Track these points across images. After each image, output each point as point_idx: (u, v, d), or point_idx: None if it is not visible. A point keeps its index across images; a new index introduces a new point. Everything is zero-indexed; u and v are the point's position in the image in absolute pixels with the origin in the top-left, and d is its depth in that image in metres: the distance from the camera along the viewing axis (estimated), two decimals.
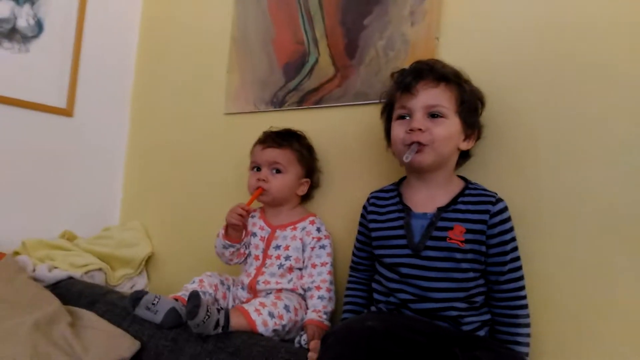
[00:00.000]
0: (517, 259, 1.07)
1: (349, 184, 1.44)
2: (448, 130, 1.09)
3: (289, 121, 1.53)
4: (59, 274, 1.67)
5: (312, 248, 1.38)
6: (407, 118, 1.12)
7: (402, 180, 1.22)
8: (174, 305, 1.29)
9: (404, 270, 1.09)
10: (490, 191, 1.11)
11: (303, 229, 1.40)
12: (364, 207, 1.25)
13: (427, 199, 1.13)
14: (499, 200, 1.09)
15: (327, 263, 1.37)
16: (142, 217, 2.06)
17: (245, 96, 1.72)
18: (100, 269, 1.79)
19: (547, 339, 1.09)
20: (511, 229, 1.07)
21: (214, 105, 1.83)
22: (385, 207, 1.19)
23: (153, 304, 1.28)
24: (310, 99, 1.54)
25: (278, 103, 1.62)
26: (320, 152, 1.50)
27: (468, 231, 1.06)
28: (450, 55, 1.26)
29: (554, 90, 1.12)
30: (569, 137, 1.10)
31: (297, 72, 1.58)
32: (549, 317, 1.09)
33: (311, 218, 1.42)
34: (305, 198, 1.50)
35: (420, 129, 1.07)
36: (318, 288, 1.34)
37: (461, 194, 1.11)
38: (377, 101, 1.27)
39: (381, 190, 1.24)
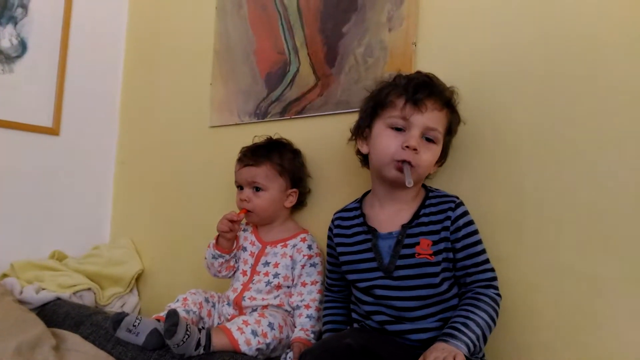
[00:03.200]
0: (487, 260, 1.05)
1: (334, 193, 1.41)
2: (434, 157, 1.08)
3: (272, 133, 1.50)
4: (46, 295, 1.65)
5: (303, 266, 1.34)
6: (403, 131, 1.06)
7: (364, 195, 1.20)
8: (156, 326, 1.26)
9: (378, 292, 1.07)
10: (449, 196, 1.10)
11: (294, 246, 1.37)
12: (330, 230, 1.23)
13: (390, 217, 1.11)
14: (459, 204, 1.07)
15: (317, 282, 1.33)
16: (133, 234, 2.03)
17: (229, 108, 1.70)
18: (89, 289, 1.76)
19: (533, 349, 1.05)
20: (476, 231, 1.06)
21: (199, 119, 1.80)
22: (350, 228, 1.17)
23: (134, 325, 1.25)
24: (292, 109, 1.51)
25: (261, 114, 1.60)
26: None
27: (434, 242, 1.04)
28: (427, 60, 1.24)
29: (535, 93, 1.10)
30: (550, 140, 1.07)
31: (279, 82, 1.55)
32: (534, 326, 1.06)
33: (303, 235, 1.39)
34: (298, 205, 1.47)
35: (415, 149, 1.04)
36: (307, 307, 1.30)
37: (422, 205, 1.10)
38: (358, 109, 1.24)
39: (344, 210, 1.22)
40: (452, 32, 1.22)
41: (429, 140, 1.06)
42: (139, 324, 1.25)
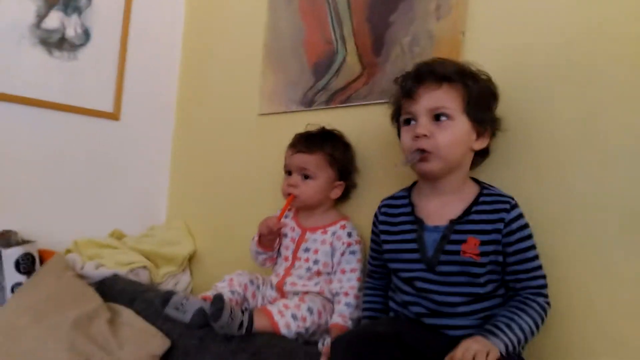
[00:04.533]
0: (540, 267, 1.02)
1: (379, 183, 1.41)
2: (453, 134, 1.04)
3: (318, 121, 1.52)
4: (104, 271, 1.75)
5: (342, 253, 1.35)
6: (413, 123, 1.08)
7: (414, 184, 1.19)
8: (202, 305, 1.31)
9: (419, 284, 1.06)
10: (505, 196, 1.05)
11: (334, 233, 1.38)
12: (375, 216, 1.22)
13: (439, 209, 1.09)
14: (514, 206, 1.03)
15: (356, 269, 1.34)
16: (187, 217, 2.12)
17: (278, 97, 1.73)
18: (144, 267, 1.86)
19: (575, 351, 1.03)
20: (530, 236, 1.02)
21: (249, 107, 1.85)
22: (397, 216, 1.16)
23: (182, 304, 1.31)
24: (337, 97, 1.53)
25: (307, 103, 1.62)
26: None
27: (483, 243, 1.02)
28: (475, 51, 1.21)
29: (584, 89, 1.05)
30: (597, 137, 1.03)
31: (325, 71, 1.57)
32: (578, 327, 1.03)
33: (342, 222, 1.40)
34: (343, 198, 1.47)
35: (425, 135, 1.04)
36: (346, 294, 1.31)
37: (475, 202, 1.06)
38: None
39: (392, 198, 1.21)
40: (502, 22, 1.18)
41: (440, 119, 1.05)
42: (186, 302, 1.31)
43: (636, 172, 0.98)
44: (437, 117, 1.05)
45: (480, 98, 1.07)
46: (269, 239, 1.40)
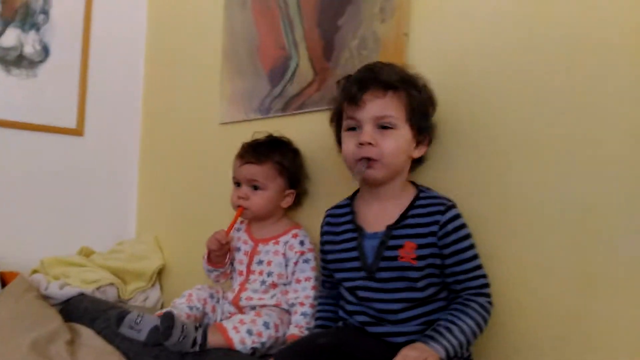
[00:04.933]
0: (479, 267, 1.01)
1: (332, 189, 1.38)
2: (397, 142, 1.03)
3: (275, 128, 1.49)
4: (69, 290, 1.72)
5: (296, 263, 1.33)
6: (357, 130, 1.06)
7: (356, 193, 1.18)
8: (157, 323, 1.29)
9: (361, 293, 1.05)
10: (441, 198, 1.05)
11: (286, 242, 1.36)
12: (321, 227, 1.21)
13: (378, 215, 1.08)
14: (450, 207, 1.02)
15: (310, 278, 1.32)
16: (156, 230, 2.09)
17: (236, 105, 1.70)
18: (112, 284, 1.83)
19: (522, 349, 1.01)
20: (467, 236, 1.01)
21: (211, 116, 1.82)
22: (340, 225, 1.15)
23: (136, 322, 1.28)
24: (293, 104, 1.50)
25: (265, 110, 1.59)
26: (305, 158, 1.46)
27: (420, 247, 1.00)
28: (418, 52, 1.20)
29: (523, 90, 1.04)
30: (538, 137, 1.01)
31: (281, 77, 1.55)
32: (522, 325, 1.01)
33: (294, 231, 1.37)
34: (294, 205, 1.45)
35: (370, 143, 1.02)
36: (302, 304, 1.30)
37: (411, 206, 1.05)
38: None
39: (336, 207, 1.20)
40: (445, 23, 1.17)
41: (385, 127, 1.03)
42: (140, 321, 1.29)
43: (577, 171, 0.96)
44: (381, 126, 1.04)
45: (422, 107, 1.07)
46: (218, 254, 1.38)
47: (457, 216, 1.02)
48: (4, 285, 1.64)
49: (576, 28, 0.97)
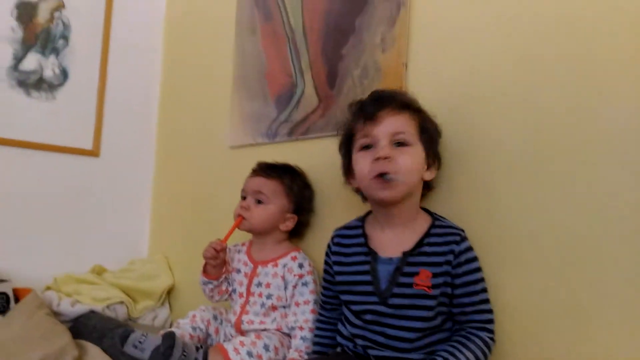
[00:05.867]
0: (486, 301, 1.02)
1: (336, 215, 1.41)
2: (413, 158, 1.04)
3: (281, 153, 1.54)
4: (80, 308, 1.76)
5: (294, 286, 1.34)
6: (372, 148, 1.07)
7: (367, 214, 1.18)
8: (159, 343, 1.32)
9: (369, 317, 1.06)
10: (456, 228, 1.06)
11: (284, 265, 1.37)
12: (329, 247, 1.22)
13: (393, 241, 1.08)
14: (464, 238, 1.04)
15: (309, 301, 1.33)
16: (167, 250, 2.14)
17: (244, 129, 1.75)
18: (122, 302, 1.87)
19: None
20: (478, 269, 1.03)
21: (221, 140, 1.87)
22: (350, 247, 1.15)
23: (140, 342, 1.31)
24: (298, 130, 1.54)
25: (272, 135, 1.63)
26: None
27: (435, 275, 1.01)
28: (417, 81, 1.23)
29: (517, 116, 1.06)
30: (530, 162, 1.03)
31: (287, 103, 1.59)
32: (512, 351, 1.01)
33: (293, 254, 1.39)
34: (295, 235, 1.47)
35: (387, 157, 1.02)
36: (301, 328, 1.31)
37: (427, 234, 1.06)
38: None
39: (345, 228, 1.20)
40: (441, 53, 1.20)
41: (400, 144, 1.04)
42: (144, 340, 1.32)
43: (568, 196, 0.97)
44: (397, 143, 1.05)
45: (432, 130, 1.09)
46: (214, 264, 1.39)
47: (470, 248, 1.04)
48: (17, 301, 1.69)
49: (571, 56, 0.99)
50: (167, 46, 2.29)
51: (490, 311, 1.02)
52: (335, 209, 1.43)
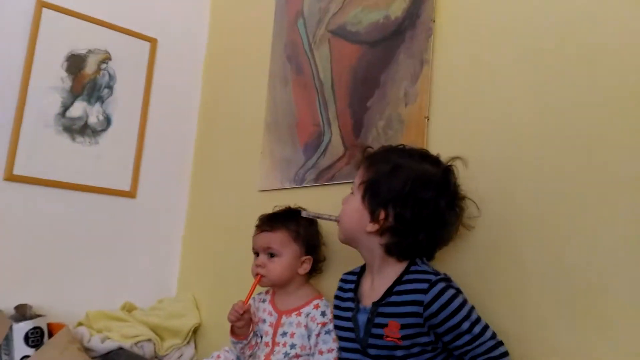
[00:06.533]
0: (483, 331, 0.99)
1: (355, 258, 1.45)
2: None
3: (308, 198, 1.60)
4: (110, 344, 1.83)
5: (318, 334, 1.35)
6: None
7: None
8: None
9: None
10: (429, 273, 1.04)
11: (307, 314, 1.38)
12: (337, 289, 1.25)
13: (370, 289, 1.11)
14: (434, 283, 1.00)
15: (333, 350, 1.32)
16: (195, 289, 2.19)
17: (274, 174, 1.83)
18: (149, 340, 1.93)
19: None
20: (459, 308, 0.99)
21: (251, 184, 1.95)
22: (346, 292, 1.19)
23: None
24: (324, 175, 1.61)
25: (299, 180, 1.70)
26: (333, 228, 1.53)
27: (404, 326, 1.00)
28: (438, 134, 1.29)
29: (538, 170, 1.09)
30: (551, 217, 1.05)
31: (314, 151, 1.66)
32: None
33: (316, 302, 1.40)
34: (313, 272, 1.50)
35: None
36: None
37: (397, 281, 1.06)
38: None
39: (349, 273, 1.24)
40: (462, 107, 1.26)
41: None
42: None
43: (589, 251, 0.99)
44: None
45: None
46: (239, 326, 1.41)
47: (443, 291, 0.99)
48: (50, 335, 1.76)
49: (588, 114, 1.03)
50: (204, 94, 2.42)
51: (492, 337, 0.99)
52: (354, 252, 1.46)
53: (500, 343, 1.01)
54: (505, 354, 1.00)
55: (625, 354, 0.91)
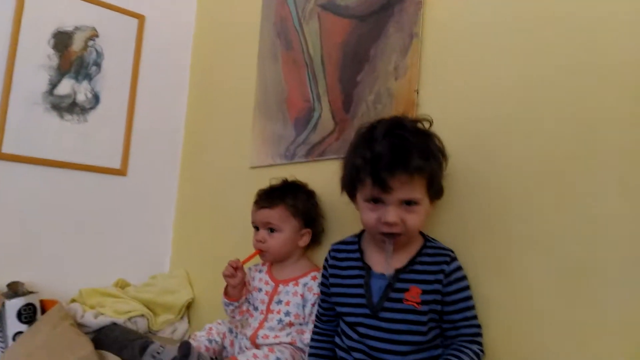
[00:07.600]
0: (475, 316, 1.08)
1: (351, 230, 1.45)
2: (420, 217, 1.07)
3: (298, 173, 1.61)
4: (103, 320, 1.84)
5: (313, 304, 1.39)
6: (378, 204, 1.07)
7: (363, 231, 1.23)
8: (177, 354, 1.38)
9: (362, 329, 1.11)
10: (445, 249, 1.12)
11: (305, 284, 1.42)
12: (326, 260, 1.27)
13: (383, 257, 1.13)
14: (454, 259, 1.11)
15: None
16: (188, 265, 2.21)
17: (265, 150, 1.83)
18: (142, 315, 1.94)
19: None
20: (467, 287, 1.09)
21: (243, 160, 1.95)
22: (345, 261, 1.21)
23: (158, 352, 1.38)
24: (315, 151, 1.61)
25: (290, 156, 1.70)
26: (324, 202, 1.54)
27: (424, 292, 1.07)
28: (428, 107, 1.29)
29: (527, 141, 1.09)
30: (540, 187, 1.06)
31: (304, 126, 1.66)
32: None
33: (314, 273, 1.44)
34: (313, 243, 1.52)
35: (395, 224, 1.05)
36: None
37: (419, 253, 1.12)
38: None
39: (342, 243, 1.26)
40: (451, 80, 1.25)
41: (410, 203, 1.05)
42: (162, 351, 1.38)
43: (577, 223, 1.00)
44: (407, 202, 1.06)
45: (439, 179, 1.10)
46: (233, 284, 1.43)
47: (460, 267, 1.11)
48: (43, 312, 1.77)
49: (581, 80, 1.03)
50: (193, 71, 2.41)
51: (479, 326, 1.09)
52: (350, 224, 1.47)
53: (482, 335, 1.09)
54: (482, 345, 1.08)
55: (613, 320, 0.93)
